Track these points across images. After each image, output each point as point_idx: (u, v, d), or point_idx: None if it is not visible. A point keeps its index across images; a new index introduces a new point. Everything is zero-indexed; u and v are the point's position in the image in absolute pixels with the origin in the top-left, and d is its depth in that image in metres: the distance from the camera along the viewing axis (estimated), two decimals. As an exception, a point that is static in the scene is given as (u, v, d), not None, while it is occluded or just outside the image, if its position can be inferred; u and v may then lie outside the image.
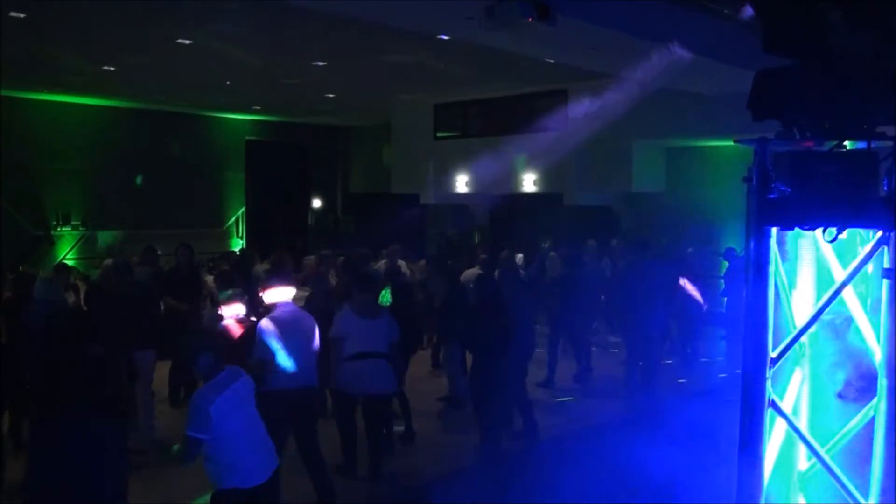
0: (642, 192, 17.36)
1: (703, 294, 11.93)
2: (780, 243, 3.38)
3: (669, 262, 11.44)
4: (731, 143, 13.89)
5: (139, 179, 16.95)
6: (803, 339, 3.54)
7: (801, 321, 3.46)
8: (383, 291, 9.38)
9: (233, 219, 22.98)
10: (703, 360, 12.21)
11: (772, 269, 3.32)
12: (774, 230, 3.29)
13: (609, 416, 9.80)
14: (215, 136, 22.54)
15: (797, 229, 3.30)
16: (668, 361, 11.66)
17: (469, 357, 8.29)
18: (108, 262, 10.17)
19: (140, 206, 20.02)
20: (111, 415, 5.09)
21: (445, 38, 11.91)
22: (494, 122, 19.18)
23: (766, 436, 3.43)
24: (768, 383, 3.38)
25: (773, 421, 3.49)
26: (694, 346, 12.47)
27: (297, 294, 7.56)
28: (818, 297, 3.52)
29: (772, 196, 3.22)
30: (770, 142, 3.24)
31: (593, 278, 12.13)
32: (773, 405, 3.41)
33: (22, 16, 10.77)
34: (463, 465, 8.09)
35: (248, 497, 4.93)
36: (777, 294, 3.41)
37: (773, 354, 3.38)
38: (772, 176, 3.20)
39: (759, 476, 3.41)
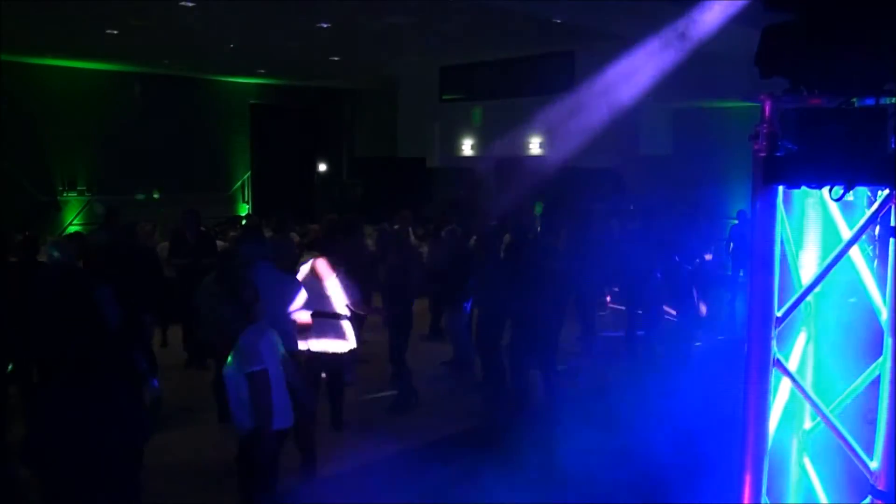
0: (649, 155, 17.22)
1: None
2: (786, 202, 3.36)
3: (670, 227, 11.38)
4: (738, 104, 13.69)
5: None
6: (809, 298, 3.53)
7: (806, 281, 3.44)
8: None
9: (238, 183, 22.95)
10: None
11: (778, 228, 3.30)
12: (781, 189, 3.26)
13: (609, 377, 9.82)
14: (220, 99, 22.41)
15: (804, 188, 3.27)
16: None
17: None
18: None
19: (146, 171, 20.00)
20: (125, 378, 5.15)
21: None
22: (501, 84, 19.00)
23: (771, 395, 3.43)
24: (773, 343, 3.37)
25: (778, 380, 3.48)
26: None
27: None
28: (824, 257, 3.50)
29: (778, 154, 3.18)
30: (777, 99, 3.19)
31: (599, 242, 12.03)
32: (779, 364, 3.40)
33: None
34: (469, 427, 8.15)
35: (279, 438, 5.17)
36: (783, 253, 3.39)
37: (779, 314, 3.37)
38: (778, 133, 3.16)
39: (764, 435, 3.42)
